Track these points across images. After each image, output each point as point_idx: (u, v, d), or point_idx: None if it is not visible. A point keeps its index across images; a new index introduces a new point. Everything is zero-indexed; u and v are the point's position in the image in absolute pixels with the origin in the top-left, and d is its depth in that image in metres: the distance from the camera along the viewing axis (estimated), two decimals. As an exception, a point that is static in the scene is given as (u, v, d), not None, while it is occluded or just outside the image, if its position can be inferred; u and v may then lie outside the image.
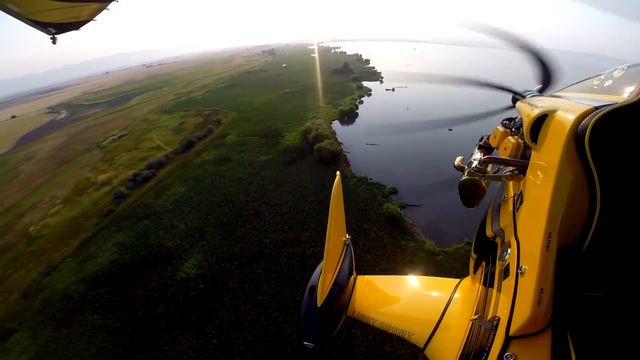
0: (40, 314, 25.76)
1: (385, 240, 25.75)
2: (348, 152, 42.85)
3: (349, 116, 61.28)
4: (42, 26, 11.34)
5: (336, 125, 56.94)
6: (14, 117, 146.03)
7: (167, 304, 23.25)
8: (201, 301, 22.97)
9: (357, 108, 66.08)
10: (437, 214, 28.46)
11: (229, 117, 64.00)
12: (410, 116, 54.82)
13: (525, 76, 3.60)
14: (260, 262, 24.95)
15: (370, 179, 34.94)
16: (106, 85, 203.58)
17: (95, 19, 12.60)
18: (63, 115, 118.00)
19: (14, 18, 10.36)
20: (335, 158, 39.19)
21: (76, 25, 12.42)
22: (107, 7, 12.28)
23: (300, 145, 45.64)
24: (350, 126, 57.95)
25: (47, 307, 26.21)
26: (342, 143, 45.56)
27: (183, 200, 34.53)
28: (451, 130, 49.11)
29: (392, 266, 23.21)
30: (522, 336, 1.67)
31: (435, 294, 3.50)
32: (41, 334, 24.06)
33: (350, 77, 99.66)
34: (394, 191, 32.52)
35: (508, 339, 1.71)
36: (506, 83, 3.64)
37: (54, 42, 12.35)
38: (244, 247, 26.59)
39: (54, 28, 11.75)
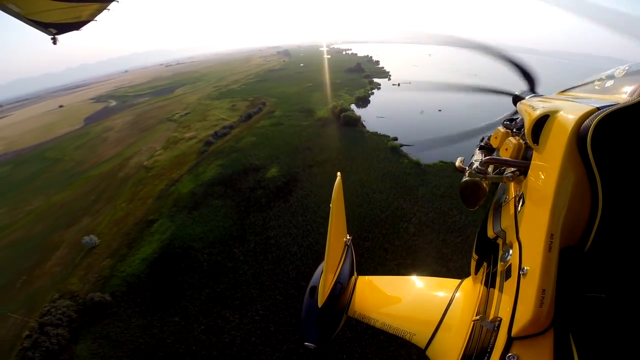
0: (174, 207, 36.25)
1: (390, 158, 43.18)
2: (364, 121, 60.57)
3: (363, 101, 79.15)
4: (43, 26, 11.44)
5: (353, 107, 74.23)
6: (61, 106, 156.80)
7: (263, 189, 37.25)
8: (283, 186, 37.45)
9: (369, 96, 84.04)
10: (422, 149, 45.95)
11: (270, 101, 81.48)
12: (410, 105, 72.51)
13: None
14: (315, 168, 42.09)
15: (380, 133, 52.58)
16: (136, 81, 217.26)
17: (95, 19, 12.70)
18: (114, 103, 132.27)
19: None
20: (355, 122, 56.88)
21: (77, 25, 12.50)
22: (108, 8, 12.38)
23: (329, 117, 63.24)
24: (364, 108, 75.72)
25: (178, 202, 37.25)
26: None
27: (257, 143, 52.26)
28: (440, 111, 67.21)
29: (395, 170, 40.04)
30: (524, 337, 1.68)
31: (436, 294, 3.50)
32: (177, 218, 33.71)
33: (362, 74, 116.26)
34: (395, 138, 49.80)
35: (510, 340, 1.73)
36: (508, 82, 3.75)
37: (54, 43, 12.47)
38: (304, 161, 43.89)
39: (55, 28, 11.82)
